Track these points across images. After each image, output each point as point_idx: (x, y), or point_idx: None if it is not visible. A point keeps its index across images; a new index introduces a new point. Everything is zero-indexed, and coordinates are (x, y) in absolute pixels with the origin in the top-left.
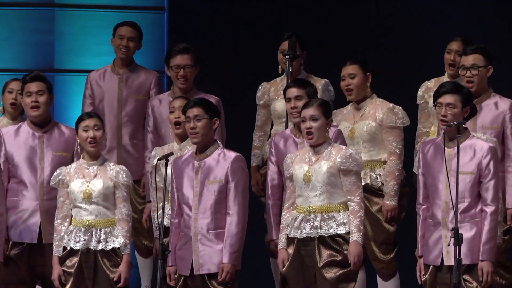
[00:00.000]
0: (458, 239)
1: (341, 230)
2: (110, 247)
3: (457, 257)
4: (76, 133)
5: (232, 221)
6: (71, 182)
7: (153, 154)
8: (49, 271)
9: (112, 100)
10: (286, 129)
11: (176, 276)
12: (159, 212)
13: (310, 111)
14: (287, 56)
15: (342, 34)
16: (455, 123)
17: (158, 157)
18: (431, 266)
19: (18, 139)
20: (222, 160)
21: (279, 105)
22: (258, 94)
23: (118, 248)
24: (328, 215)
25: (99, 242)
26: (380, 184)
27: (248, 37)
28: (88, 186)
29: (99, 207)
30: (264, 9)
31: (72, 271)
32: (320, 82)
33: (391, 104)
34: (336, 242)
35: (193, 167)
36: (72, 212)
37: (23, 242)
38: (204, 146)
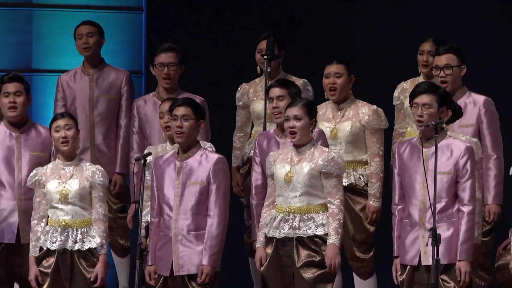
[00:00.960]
0: (436, 239)
1: (319, 231)
2: (86, 247)
3: (435, 257)
4: (50, 134)
5: (212, 223)
6: (47, 183)
7: (145, 153)
8: (26, 271)
9: (84, 100)
10: (269, 129)
11: (156, 276)
12: (145, 211)
13: (294, 111)
14: (265, 57)
15: (320, 33)
16: (433, 123)
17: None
18: (408, 266)
19: None
20: (204, 161)
21: (258, 105)
22: (238, 95)
23: (95, 248)
24: (307, 216)
25: (75, 242)
26: (363, 184)
27: (226, 37)
28: (64, 187)
29: (76, 207)
30: (243, 8)
31: (49, 271)
32: (298, 82)
33: (375, 106)
34: (314, 242)
35: (174, 167)
36: (49, 213)
37: (2, 242)
38: (187, 147)
